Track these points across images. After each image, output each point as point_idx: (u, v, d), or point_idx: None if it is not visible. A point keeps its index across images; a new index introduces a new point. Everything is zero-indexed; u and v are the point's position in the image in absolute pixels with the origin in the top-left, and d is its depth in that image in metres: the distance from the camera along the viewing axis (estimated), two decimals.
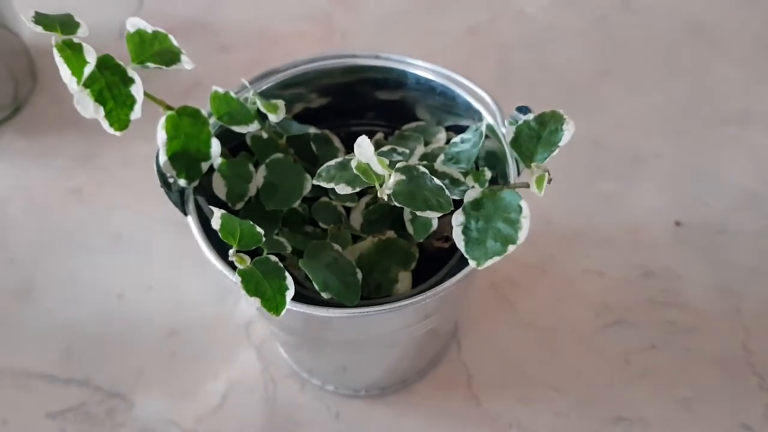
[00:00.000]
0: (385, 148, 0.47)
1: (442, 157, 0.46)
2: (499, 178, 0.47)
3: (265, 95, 0.49)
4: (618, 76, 0.74)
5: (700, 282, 0.60)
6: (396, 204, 0.38)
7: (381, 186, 0.36)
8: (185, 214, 0.43)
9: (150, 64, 0.40)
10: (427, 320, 0.46)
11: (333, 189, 0.41)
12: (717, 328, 0.57)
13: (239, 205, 0.45)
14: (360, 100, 0.52)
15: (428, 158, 0.48)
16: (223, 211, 0.38)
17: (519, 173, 0.45)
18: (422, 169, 0.39)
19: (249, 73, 0.49)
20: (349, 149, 0.47)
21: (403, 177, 0.36)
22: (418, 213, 0.38)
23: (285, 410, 0.54)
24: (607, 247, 0.62)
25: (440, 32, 0.77)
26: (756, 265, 0.60)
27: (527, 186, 0.40)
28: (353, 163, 0.36)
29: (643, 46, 0.76)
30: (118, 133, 0.39)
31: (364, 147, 0.33)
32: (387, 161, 0.35)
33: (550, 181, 0.38)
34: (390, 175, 0.34)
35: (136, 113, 0.39)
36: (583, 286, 0.60)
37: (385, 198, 0.36)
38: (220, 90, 0.44)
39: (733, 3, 0.79)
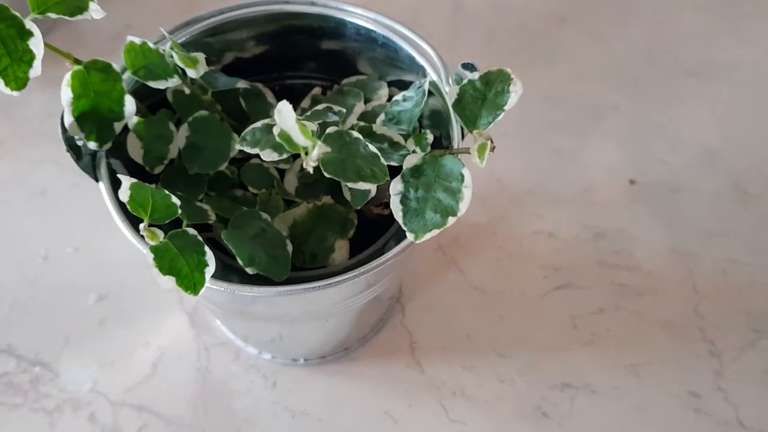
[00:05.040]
0: (319, 107, 0.43)
1: (382, 116, 0.43)
2: (443, 139, 0.43)
3: (191, 45, 0.45)
4: (577, 23, 0.70)
5: (654, 243, 0.58)
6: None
7: (307, 155, 0.33)
8: (96, 180, 0.39)
9: (52, 15, 0.36)
10: (367, 291, 0.44)
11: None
12: (668, 292, 0.56)
13: (158, 169, 0.41)
14: (297, 50, 0.48)
15: (368, 117, 0.45)
16: (133, 181, 0.34)
17: (464, 136, 0.41)
18: (355, 135, 0.36)
19: (185, 15, 0.45)
20: None
21: (329, 149, 0.33)
22: (350, 185, 0.34)
23: (219, 379, 0.52)
24: (559, 206, 0.59)
25: None
26: (712, 226, 0.59)
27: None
28: (275, 130, 0.32)
29: None
30: (15, 93, 0.35)
31: (284, 114, 0.30)
32: (312, 129, 0.32)
33: (493, 149, 0.36)
34: (314, 146, 0.31)
35: (35, 70, 0.35)
36: (533, 248, 0.57)
37: (311, 170, 0.32)
38: (137, 40, 0.40)
39: None
